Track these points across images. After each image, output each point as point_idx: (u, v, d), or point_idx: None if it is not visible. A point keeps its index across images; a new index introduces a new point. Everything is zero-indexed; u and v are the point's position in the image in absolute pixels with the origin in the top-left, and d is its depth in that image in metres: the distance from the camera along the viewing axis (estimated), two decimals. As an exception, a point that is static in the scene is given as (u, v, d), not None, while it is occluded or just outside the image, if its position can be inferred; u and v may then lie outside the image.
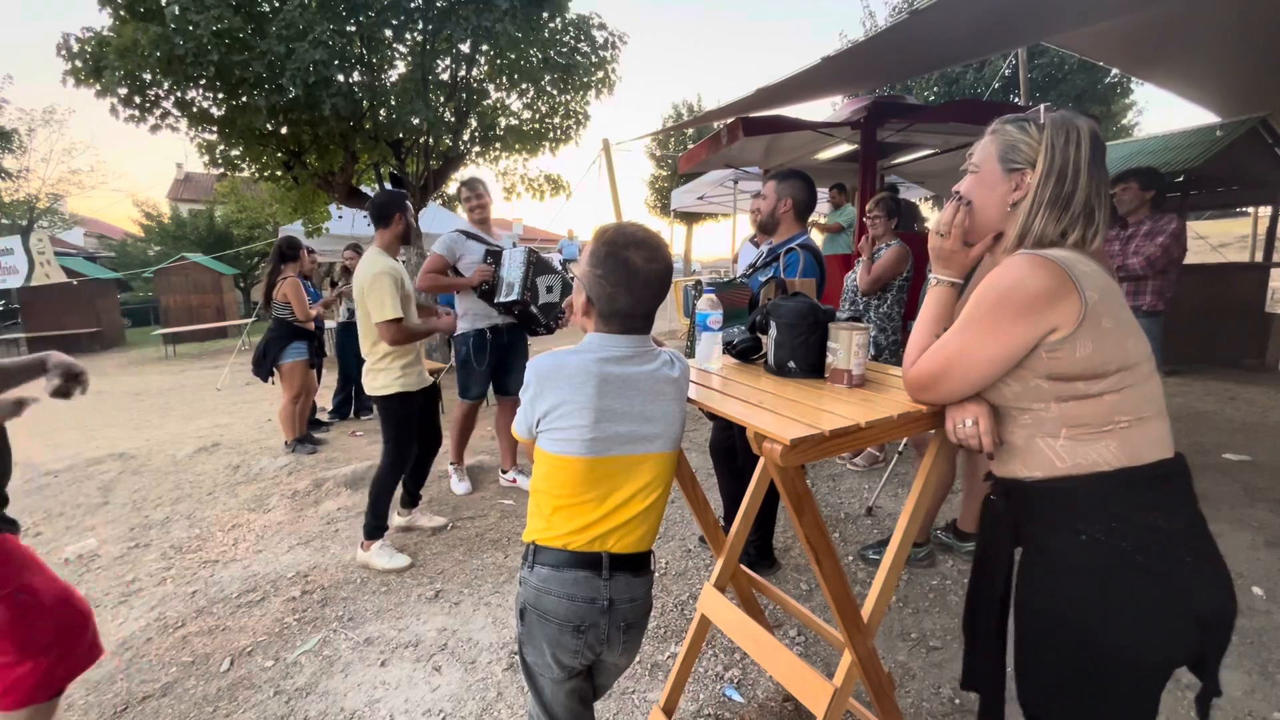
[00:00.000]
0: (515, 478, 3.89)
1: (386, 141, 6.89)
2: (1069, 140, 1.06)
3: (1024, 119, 1.11)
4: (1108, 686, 1.01)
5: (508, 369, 3.74)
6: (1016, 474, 1.10)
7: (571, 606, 1.19)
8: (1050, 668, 1.07)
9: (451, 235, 3.61)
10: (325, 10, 5.80)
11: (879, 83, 5.26)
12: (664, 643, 2.29)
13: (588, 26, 7.29)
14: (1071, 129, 1.06)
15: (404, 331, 2.82)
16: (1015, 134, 1.11)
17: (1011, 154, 1.11)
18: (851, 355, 1.41)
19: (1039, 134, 1.08)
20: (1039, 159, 1.08)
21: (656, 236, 1.23)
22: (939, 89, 14.14)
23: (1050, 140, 1.07)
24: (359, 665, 2.24)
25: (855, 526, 3.18)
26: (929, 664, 2.13)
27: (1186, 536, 0.98)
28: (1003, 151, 1.12)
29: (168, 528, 3.55)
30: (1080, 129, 1.06)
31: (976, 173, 1.16)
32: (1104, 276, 1.03)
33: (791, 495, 1.22)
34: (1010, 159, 1.11)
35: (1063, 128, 1.07)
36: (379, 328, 2.80)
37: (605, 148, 7.41)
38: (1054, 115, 1.09)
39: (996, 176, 1.12)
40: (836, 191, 6.57)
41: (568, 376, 1.18)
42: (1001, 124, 1.14)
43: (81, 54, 5.61)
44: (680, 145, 21.64)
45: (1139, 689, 1.01)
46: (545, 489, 1.23)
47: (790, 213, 2.55)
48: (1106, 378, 0.99)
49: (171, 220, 19.91)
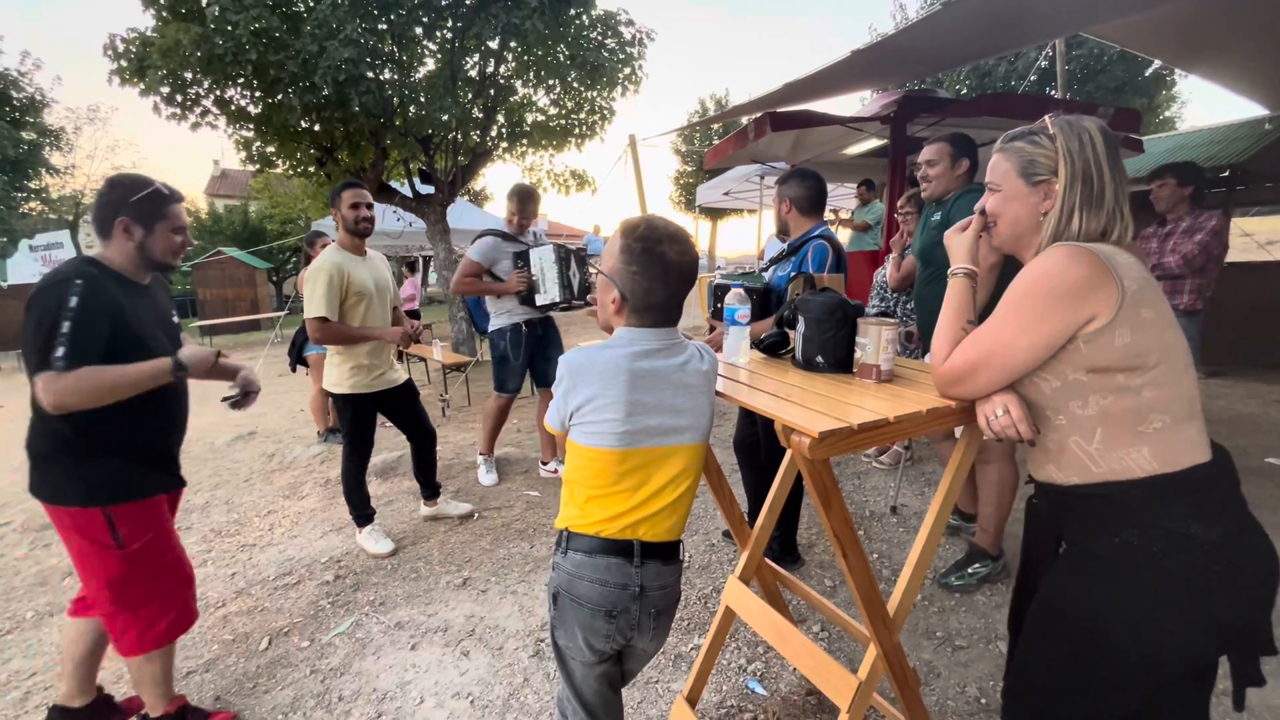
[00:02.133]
0: (556, 468, 3.94)
1: (416, 138, 7.00)
2: (1083, 143, 1.07)
3: (1032, 132, 1.13)
4: (1098, 681, 1.02)
5: (545, 360, 3.77)
6: (1053, 478, 1.11)
7: (604, 591, 1.22)
8: (1046, 653, 1.09)
9: (488, 241, 3.62)
10: (358, 8, 5.91)
11: (909, 77, 5.17)
12: (688, 634, 2.31)
13: (615, 23, 7.30)
14: (1082, 132, 1.08)
15: (329, 331, 2.74)
16: (1029, 148, 1.13)
17: (1031, 168, 1.12)
18: (880, 350, 1.41)
19: (1052, 144, 1.10)
20: (1060, 167, 1.09)
21: (683, 229, 1.26)
22: (971, 82, 13.85)
23: (1065, 147, 1.08)
24: (390, 648, 2.31)
25: (881, 524, 3.16)
26: (954, 663, 2.12)
27: (1219, 544, 0.97)
28: (1022, 167, 1.13)
29: (208, 512, 3.69)
30: (1090, 129, 1.08)
31: (999, 190, 1.18)
32: (1141, 269, 1.03)
33: (819, 489, 1.23)
34: (1032, 173, 1.12)
35: (1074, 133, 1.08)
36: (307, 323, 2.78)
37: (631, 143, 7.43)
38: (1061, 122, 1.10)
39: (1022, 191, 1.14)
40: (864, 188, 6.50)
41: (600, 371, 1.20)
42: (1009, 141, 1.16)
43: (126, 54, 5.81)
44: (706, 140, 21.54)
45: (1128, 688, 1.01)
46: (579, 479, 1.26)
47: (794, 212, 2.52)
48: (1147, 371, 0.99)
49: (209, 216, 20.49)
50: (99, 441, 1.61)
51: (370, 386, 2.95)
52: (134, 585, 1.67)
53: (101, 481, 1.62)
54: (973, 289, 1.23)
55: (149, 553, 1.69)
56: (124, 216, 1.64)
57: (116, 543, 1.63)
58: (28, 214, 17.79)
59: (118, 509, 1.63)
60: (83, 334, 1.49)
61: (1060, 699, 1.07)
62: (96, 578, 1.65)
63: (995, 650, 2.16)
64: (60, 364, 1.46)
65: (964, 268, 1.23)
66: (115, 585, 1.65)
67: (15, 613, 2.70)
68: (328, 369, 2.96)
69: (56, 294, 1.50)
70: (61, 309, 1.48)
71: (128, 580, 1.66)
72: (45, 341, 1.47)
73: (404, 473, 4.11)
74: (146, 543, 1.68)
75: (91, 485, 1.61)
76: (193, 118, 6.28)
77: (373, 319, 2.91)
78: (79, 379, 1.48)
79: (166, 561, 1.75)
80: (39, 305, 1.50)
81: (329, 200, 2.89)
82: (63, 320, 1.48)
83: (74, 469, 1.60)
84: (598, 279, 1.30)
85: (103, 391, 1.53)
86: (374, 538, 3.06)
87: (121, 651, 1.72)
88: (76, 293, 1.51)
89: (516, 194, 3.66)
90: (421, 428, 3.22)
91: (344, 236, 2.89)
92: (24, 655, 2.39)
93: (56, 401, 1.47)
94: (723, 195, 10.67)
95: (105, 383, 1.52)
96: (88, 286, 1.53)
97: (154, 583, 1.71)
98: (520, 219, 3.65)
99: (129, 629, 1.69)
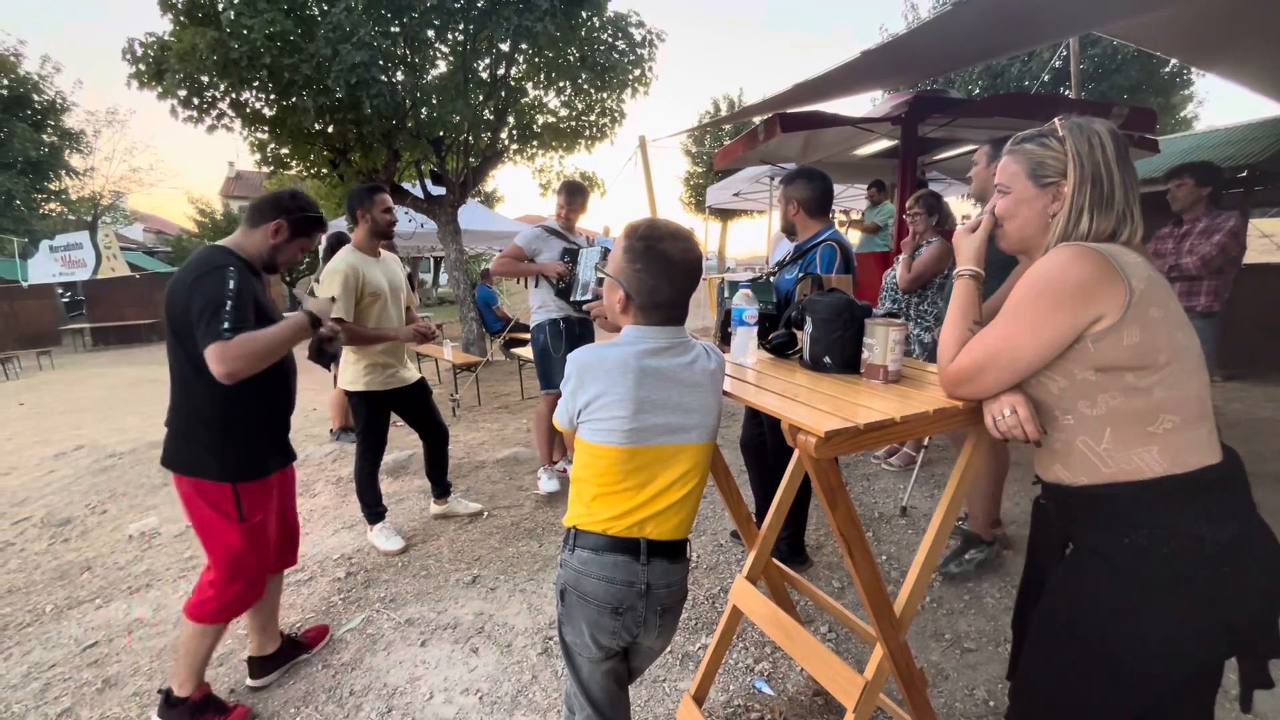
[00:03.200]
0: (565, 467, 3.95)
1: (428, 139, 7.06)
2: (1092, 145, 1.08)
3: (1042, 135, 1.13)
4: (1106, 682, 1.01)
5: None
6: (1060, 479, 1.10)
7: (610, 589, 1.23)
8: (1052, 654, 1.09)
9: (534, 230, 3.60)
10: (371, 12, 5.98)
11: (920, 77, 5.14)
12: (695, 634, 2.32)
13: (625, 25, 7.32)
14: (1092, 134, 1.08)
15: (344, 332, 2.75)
16: (1039, 151, 1.13)
17: (1041, 170, 1.13)
18: (887, 351, 1.41)
19: (1061, 146, 1.10)
20: (1069, 169, 1.09)
21: (685, 228, 1.27)
22: (983, 82, 13.74)
23: (1075, 149, 1.08)
24: (400, 644, 2.33)
25: (890, 526, 3.15)
26: (963, 665, 2.11)
27: (1229, 546, 0.96)
28: (1031, 169, 1.14)
29: (222, 509, 3.73)
30: (1099, 132, 1.08)
31: (1008, 193, 1.18)
32: (1149, 268, 1.02)
33: (825, 488, 1.23)
34: (1041, 175, 1.13)
35: (1084, 135, 1.08)
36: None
37: (641, 145, 7.43)
38: (1070, 124, 1.10)
39: (1032, 193, 1.14)
40: (875, 189, 6.47)
41: (607, 369, 1.22)
42: (1019, 144, 1.17)
43: (145, 58, 5.91)
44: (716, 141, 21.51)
45: (1136, 690, 1.01)
46: (586, 477, 1.27)
47: (801, 214, 2.51)
48: (1156, 370, 0.99)
49: (224, 216, 20.74)
50: (237, 420, 1.82)
51: (385, 385, 3.00)
52: (249, 556, 1.88)
53: (235, 460, 1.83)
54: (978, 290, 1.23)
55: (260, 529, 1.90)
56: (284, 220, 1.89)
57: (240, 515, 1.84)
58: (47, 215, 18.10)
59: (244, 486, 1.85)
60: (240, 310, 1.69)
61: (1067, 700, 1.06)
62: (219, 544, 1.85)
63: (1004, 653, 2.15)
64: (227, 333, 1.65)
65: (969, 269, 1.24)
66: (235, 554, 1.85)
67: (35, 605, 2.76)
68: (344, 368, 3.00)
69: (219, 278, 1.70)
70: (224, 290, 1.68)
71: (245, 551, 1.86)
72: (212, 317, 1.66)
73: (415, 471, 4.15)
74: (260, 520, 1.89)
75: (225, 463, 1.81)
76: (209, 120, 6.38)
77: (387, 318, 2.96)
78: (241, 344, 1.66)
79: (266, 541, 1.95)
80: (205, 288, 1.69)
81: (352, 202, 2.93)
82: (226, 299, 1.68)
83: (215, 446, 1.80)
84: (605, 282, 1.31)
85: (262, 352, 1.72)
86: (385, 535, 3.10)
87: (195, 615, 1.87)
88: (233, 277, 1.71)
89: (565, 189, 3.65)
90: (434, 426, 3.26)
91: (364, 238, 2.93)
92: (44, 647, 2.44)
93: (229, 369, 1.65)
94: (733, 196, 10.66)
95: (262, 343, 1.71)
96: (238, 272, 1.74)
97: (259, 560, 1.91)
98: (568, 212, 3.62)
99: (223, 597, 1.87)
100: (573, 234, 3.67)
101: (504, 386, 7.02)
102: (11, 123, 15.58)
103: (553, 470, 3.83)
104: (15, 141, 15.47)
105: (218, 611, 1.87)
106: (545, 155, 8.32)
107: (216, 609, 1.87)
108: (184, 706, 1.90)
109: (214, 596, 1.86)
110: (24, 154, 15.79)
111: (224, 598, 1.87)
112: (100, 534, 3.52)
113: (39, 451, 5.36)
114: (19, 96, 16.04)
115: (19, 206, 16.13)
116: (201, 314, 1.66)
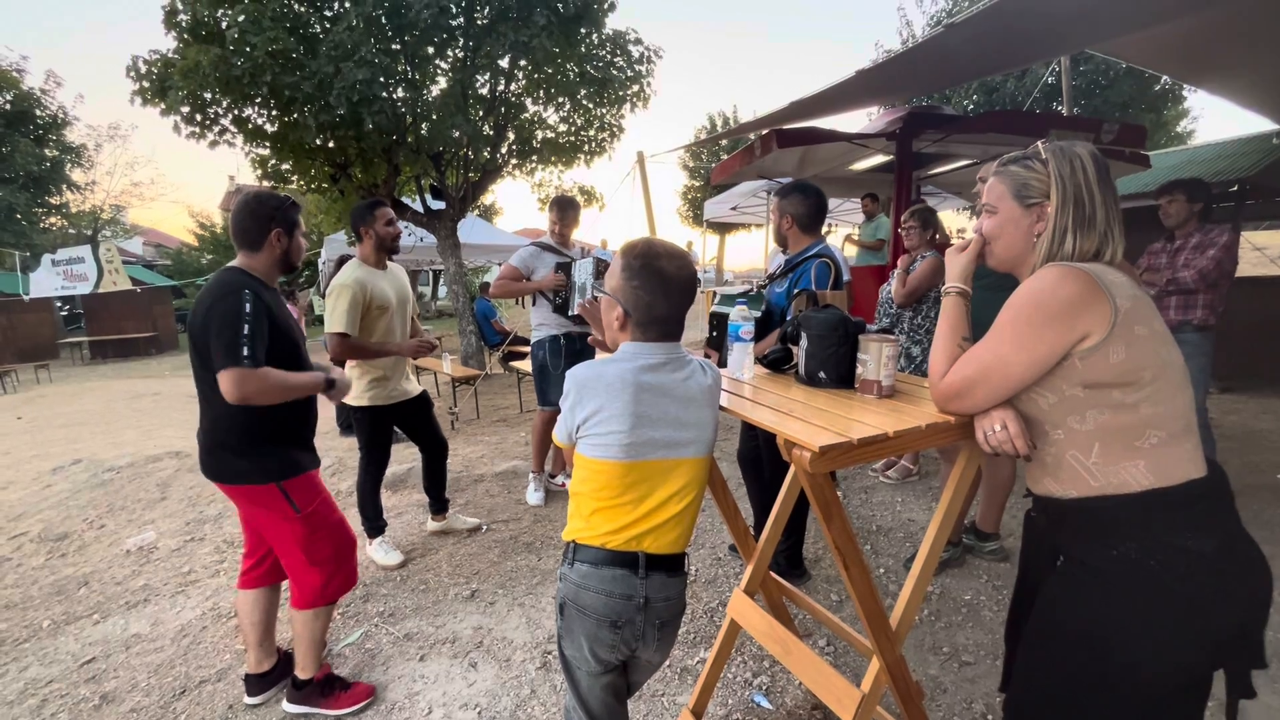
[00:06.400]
0: (564, 481, 3.96)
1: (428, 154, 7.12)
2: (1074, 168, 1.11)
3: (1026, 156, 1.17)
4: (1097, 693, 1.03)
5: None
6: (1051, 491, 1.13)
7: (609, 602, 1.24)
8: (1044, 665, 1.11)
9: (529, 249, 3.65)
10: (372, 30, 6.06)
11: (915, 93, 5.22)
12: (694, 648, 2.32)
13: (624, 41, 7.42)
14: (1074, 157, 1.12)
15: (349, 347, 2.79)
16: (1023, 172, 1.16)
17: (1025, 191, 1.16)
18: (881, 366, 1.43)
19: (1044, 168, 1.14)
20: (1052, 190, 1.13)
21: (680, 248, 1.31)
22: (978, 98, 13.89)
23: (1057, 171, 1.12)
24: (399, 659, 2.33)
25: (887, 539, 3.15)
26: (961, 679, 2.12)
27: (1215, 559, 0.98)
28: (1016, 190, 1.17)
29: (220, 523, 3.73)
30: (1080, 155, 1.12)
31: (995, 213, 1.22)
32: (1134, 287, 1.05)
33: (820, 502, 1.25)
34: (1025, 195, 1.16)
35: (1066, 157, 1.12)
36: (326, 338, 2.81)
37: (639, 160, 7.51)
38: (1053, 147, 1.14)
39: (1017, 213, 1.18)
40: (869, 200, 6.53)
41: (606, 385, 1.24)
42: (1004, 165, 1.21)
43: (149, 75, 5.98)
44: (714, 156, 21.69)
45: (1126, 700, 1.02)
46: (585, 491, 1.29)
47: (794, 228, 2.54)
48: (1142, 387, 1.01)
49: (224, 230, 20.82)
50: (268, 432, 1.91)
51: (389, 398, 3.02)
52: (320, 542, 1.98)
53: (273, 464, 1.91)
54: (966, 307, 1.26)
55: (320, 514, 1.99)
56: (278, 227, 1.91)
57: (294, 509, 1.92)
58: (49, 229, 18.15)
59: (289, 483, 1.92)
60: (257, 336, 1.76)
61: (1059, 711, 1.08)
62: (288, 540, 1.95)
63: (1002, 666, 2.15)
64: (248, 362, 1.72)
65: (956, 286, 1.28)
66: (306, 544, 1.95)
67: (32, 621, 2.75)
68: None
69: (236, 302, 1.76)
70: (240, 315, 1.74)
71: (314, 538, 1.96)
72: (230, 342, 1.73)
73: (414, 485, 4.15)
74: (317, 506, 1.98)
75: (265, 468, 1.90)
76: (211, 136, 6.43)
77: (394, 330, 2.98)
78: (262, 378, 1.75)
79: (334, 522, 2.05)
80: (221, 312, 1.75)
81: (354, 219, 2.96)
82: (242, 324, 1.74)
83: (252, 455, 1.89)
84: (601, 300, 1.34)
85: (278, 391, 1.82)
86: (384, 549, 3.10)
87: (300, 604, 2.00)
88: (248, 301, 1.77)
89: (555, 204, 3.70)
90: (435, 439, 3.27)
91: (370, 252, 2.95)
92: (41, 663, 2.43)
93: (243, 394, 1.72)
94: (730, 210, 10.76)
95: (279, 384, 1.82)
96: (253, 295, 1.79)
97: (332, 540, 2.02)
98: (560, 227, 3.67)
99: (314, 582, 1.98)
100: (567, 248, 3.71)
101: (503, 400, 7.03)
102: (14, 138, 15.67)
103: (541, 480, 3.88)
104: (17, 157, 15.54)
105: (316, 597, 1.99)
106: (545, 170, 8.40)
107: (314, 595, 1.99)
108: (311, 687, 2.05)
109: (309, 585, 1.98)
110: (26, 169, 15.85)
111: (314, 584, 1.98)
112: (98, 549, 3.51)
113: (36, 465, 5.35)
114: (21, 112, 16.14)
115: (20, 221, 16.18)
116: (219, 336, 1.73)
